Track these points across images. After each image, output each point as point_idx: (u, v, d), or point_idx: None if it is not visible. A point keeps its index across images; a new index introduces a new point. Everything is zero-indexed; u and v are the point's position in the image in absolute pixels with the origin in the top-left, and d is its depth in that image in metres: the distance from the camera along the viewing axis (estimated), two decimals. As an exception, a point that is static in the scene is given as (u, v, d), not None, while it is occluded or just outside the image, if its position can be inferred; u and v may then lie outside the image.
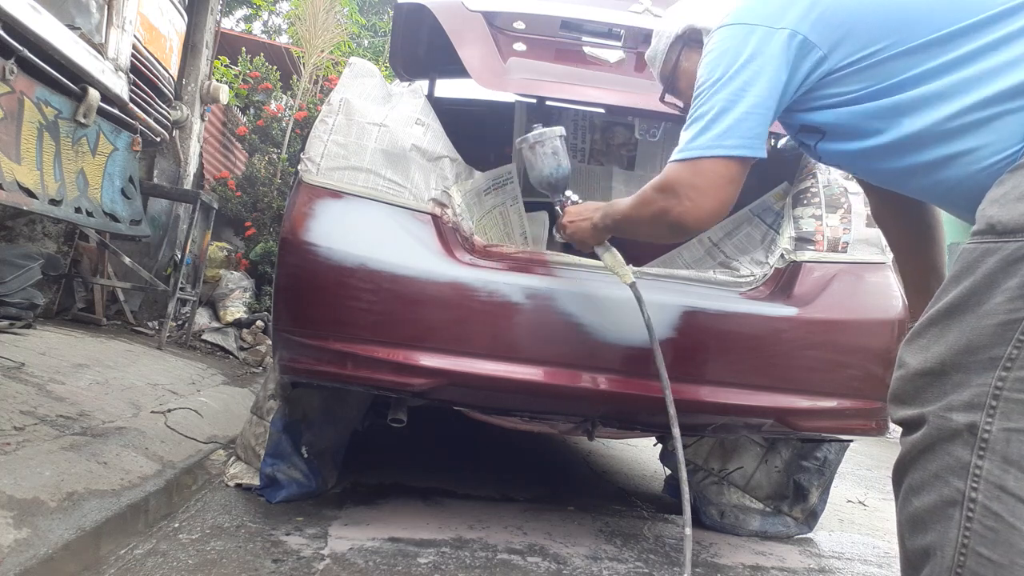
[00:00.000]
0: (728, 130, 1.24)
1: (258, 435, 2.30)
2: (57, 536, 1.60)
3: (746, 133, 1.24)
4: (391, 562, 1.86)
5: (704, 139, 1.26)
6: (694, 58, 1.50)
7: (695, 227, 1.35)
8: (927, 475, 0.99)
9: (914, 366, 1.03)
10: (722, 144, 1.24)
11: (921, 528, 0.99)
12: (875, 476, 4.55)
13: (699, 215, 1.30)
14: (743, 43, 1.25)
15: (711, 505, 2.59)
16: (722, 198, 1.28)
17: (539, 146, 1.84)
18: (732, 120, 1.24)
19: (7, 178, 2.77)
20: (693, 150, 1.27)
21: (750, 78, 1.23)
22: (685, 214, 1.31)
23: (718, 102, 1.25)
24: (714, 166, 1.26)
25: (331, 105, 2.00)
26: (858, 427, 2.06)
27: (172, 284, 4.76)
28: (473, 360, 1.83)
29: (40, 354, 3.18)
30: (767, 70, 1.21)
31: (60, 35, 3.03)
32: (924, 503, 0.99)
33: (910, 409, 1.03)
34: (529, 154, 1.86)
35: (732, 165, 1.26)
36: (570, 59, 2.33)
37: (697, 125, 1.28)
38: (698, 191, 1.28)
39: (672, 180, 1.32)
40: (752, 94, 1.23)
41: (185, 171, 5.63)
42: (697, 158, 1.27)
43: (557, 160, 1.84)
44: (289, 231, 1.87)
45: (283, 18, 14.14)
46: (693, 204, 1.29)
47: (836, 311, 1.99)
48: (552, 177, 1.85)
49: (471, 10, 2.27)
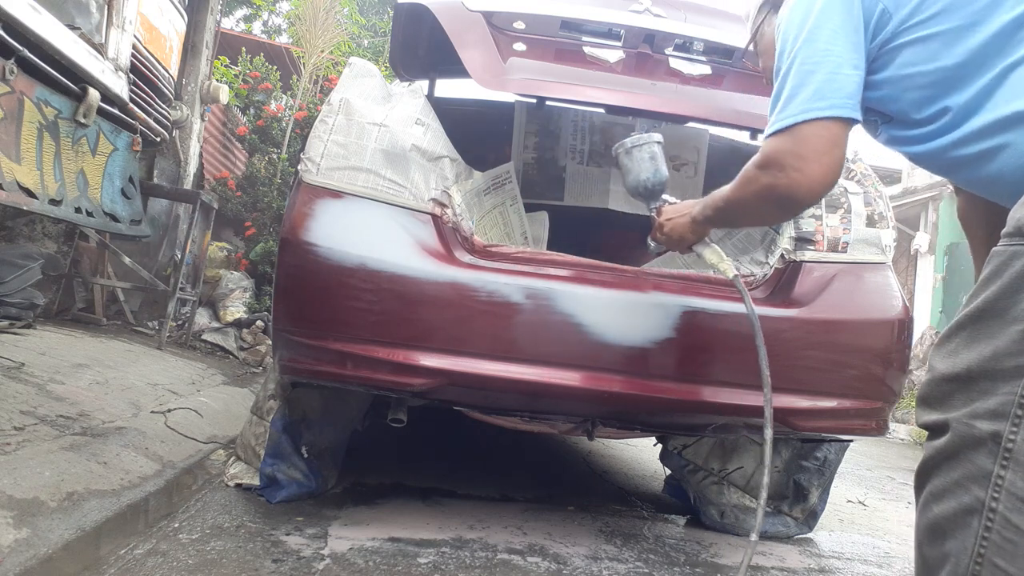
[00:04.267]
0: (818, 92, 1.20)
1: (258, 435, 2.30)
2: (57, 536, 1.60)
3: (837, 93, 1.19)
4: (391, 562, 1.86)
5: (795, 105, 1.21)
6: (774, 22, 1.50)
7: (807, 199, 1.26)
8: (949, 482, 0.97)
9: (941, 370, 1.01)
10: (816, 107, 1.19)
11: (939, 535, 0.97)
12: (875, 476, 4.55)
13: (810, 184, 1.23)
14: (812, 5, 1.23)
15: (711, 505, 2.59)
16: (829, 163, 1.21)
17: (636, 151, 1.83)
18: (820, 81, 1.20)
19: (7, 178, 2.77)
20: (787, 118, 1.22)
21: (830, 36, 1.20)
22: (793, 186, 1.24)
23: (802, 65, 1.22)
24: (813, 129, 1.20)
25: (331, 105, 2.00)
26: (858, 427, 2.06)
27: (172, 284, 4.76)
28: (473, 360, 1.83)
29: (40, 354, 3.18)
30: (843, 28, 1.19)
31: (60, 35, 3.03)
32: (944, 510, 0.97)
33: (936, 414, 1.01)
34: (626, 159, 1.85)
35: (832, 127, 1.19)
36: (570, 59, 2.33)
37: (786, 92, 1.24)
38: (802, 159, 1.21)
39: (772, 152, 1.26)
40: (835, 52, 1.19)
41: (185, 171, 5.63)
42: (792, 125, 1.21)
43: (655, 165, 1.83)
44: (289, 231, 1.87)
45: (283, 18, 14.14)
46: (800, 174, 1.22)
47: (836, 311, 1.99)
48: (649, 182, 1.83)
49: (471, 10, 2.27)
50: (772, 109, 1.28)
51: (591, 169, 2.93)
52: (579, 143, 2.95)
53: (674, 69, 2.35)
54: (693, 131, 2.91)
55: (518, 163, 2.88)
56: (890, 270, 2.15)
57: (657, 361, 1.91)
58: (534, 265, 1.93)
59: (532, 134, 2.94)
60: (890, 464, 5.26)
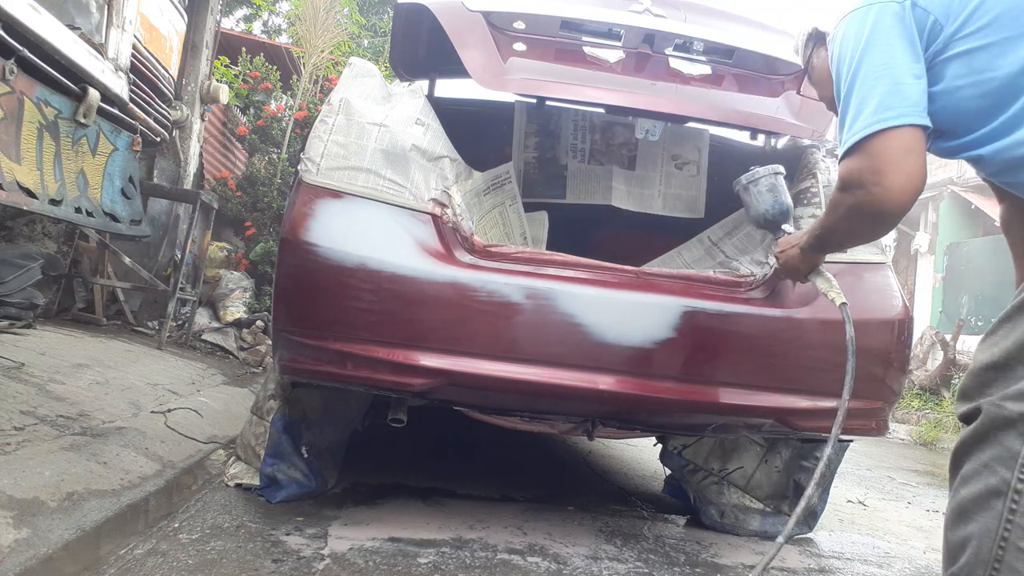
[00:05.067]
0: (882, 104, 1.19)
1: (258, 435, 2.30)
2: (57, 536, 1.60)
3: (903, 101, 1.18)
4: (391, 562, 1.86)
5: (861, 120, 1.21)
6: (823, 54, 1.57)
7: (897, 209, 1.24)
8: (978, 464, 0.97)
9: (982, 360, 1.03)
10: (883, 118, 1.19)
11: (964, 518, 0.97)
12: (875, 476, 4.55)
13: (894, 195, 1.21)
14: (863, 23, 1.24)
15: (711, 505, 2.59)
16: (909, 170, 1.19)
17: (752, 186, 1.91)
18: (882, 93, 1.19)
19: (7, 178, 2.77)
20: (855, 134, 1.22)
21: (885, 51, 1.20)
22: (878, 200, 1.22)
23: (863, 83, 1.22)
24: (884, 141, 1.19)
25: (331, 105, 2.00)
26: (858, 427, 2.06)
27: (172, 284, 4.76)
28: (473, 360, 1.83)
29: (40, 354, 3.18)
30: (897, 40, 1.20)
31: (60, 35, 3.03)
32: (970, 492, 0.97)
33: (971, 403, 1.02)
34: (744, 195, 1.94)
35: (902, 134, 1.18)
36: (570, 59, 2.32)
37: (850, 112, 1.24)
38: (879, 172, 1.20)
39: (848, 173, 1.25)
40: (894, 65, 1.20)
41: (185, 171, 5.63)
42: (861, 140, 1.21)
43: (774, 196, 1.90)
44: (289, 231, 1.87)
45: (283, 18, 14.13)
46: (881, 187, 1.20)
47: (836, 311, 1.99)
48: (768, 214, 1.91)
49: (471, 10, 2.27)
50: (841, 132, 1.28)
51: (593, 167, 2.93)
52: (580, 142, 2.95)
53: (674, 69, 2.35)
54: (694, 130, 2.91)
55: (519, 162, 2.88)
56: (890, 270, 2.15)
57: (657, 361, 1.91)
58: (534, 265, 1.93)
59: (532, 134, 2.94)
60: (890, 464, 5.26)
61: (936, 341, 9.21)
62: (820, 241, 1.57)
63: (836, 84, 1.31)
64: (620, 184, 2.88)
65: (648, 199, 2.89)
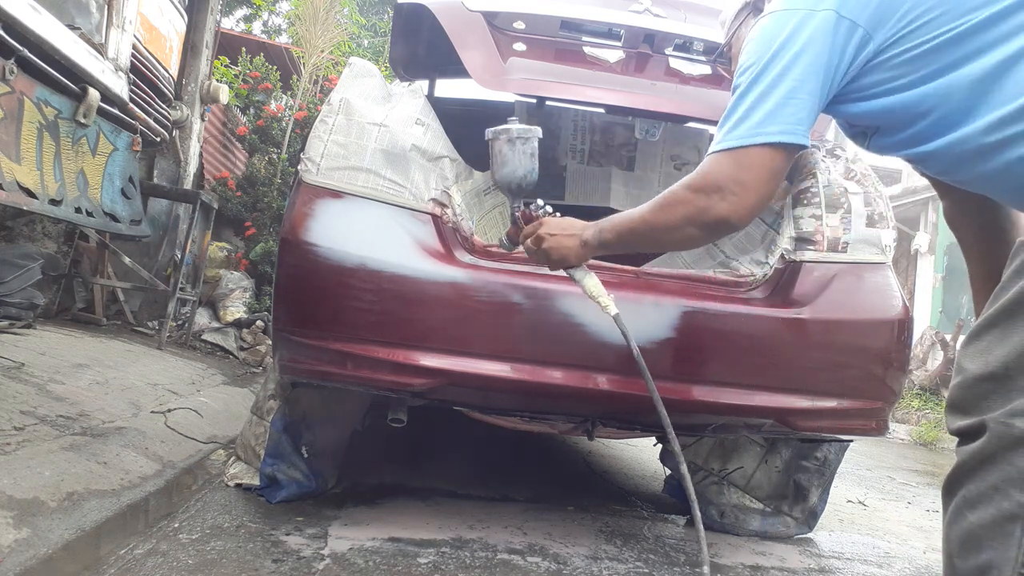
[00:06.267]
0: (768, 116, 1.16)
1: (258, 435, 2.30)
2: (57, 536, 1.60)
3: (788, 119, 1.16)
4: (391, 562, 1.86)
5: (744, 128, 1.18)
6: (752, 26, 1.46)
7: (738, 224, 1.24)
8: (985, 487, 0.91)
9: (974, 371, 0.96)
10: (764, 131, 1.16)
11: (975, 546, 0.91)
12: (875, 476, 4.55)
13: (743, 211, 1.20)
14: (781, 28, 1.19)
15: (711, 505, 2.59)
16: (765, 192, 1.19)
17: (520, 142, 1.69)
18: (772, 106, 1.16)
19: (7, 178, 2.77)
20: (733, 139, 1.19)
21: (789, 62, 1.16)
22: (729, 211, 1.20)
23: (756, 89, 1.18)
24: (759, 156, 1.17)
25: (331, 105, 2.00)
26: (858, 427, 2.06)
27: (172, 284, 4.76)
28: (473, 360, 1.83)
29: (40, 354, 3.18)
30: (807, 53, 1.15)
31: (60, 35, 3.03)
32: (980, 518, 0.91)
33: (970, 418, 0.95)
34: (507, 148, 1.69)
35: (777, 154, 1.17)
36: (570, 59, 2.33)
37: (736, 114, 1.20)
38: (742, 185, 1.18)
39: (714, 175, 1.22)
40: (791, 78, 1.16)
41: (185, 171, 5.63)
42: (738, 147, 1.18)
43: (534, 163, 1.72)
44: (289, 231, 1.87)
45: (283, 18, 14.14)
46: (737, 199, 1.19)
47: (836, 311, 1.99)
48: (524, 180, 1.71)
49: (471, 10, 2.27)
50: (722, 125, 1.23)
51: (592, 168, 2.93)
52: (579, 143, 2.95)
53: (674, 69, 2.35)
54: (694, 131, 2.91)
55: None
56: (890, 270, 2.15)
57: (657, 361, 1.91)
58: (534, 265, 1.93)
59: (532, 134, 2.94)
60: (890, 464, 5.26)
61: (936, 341, 9.21)
62: (626, 237, 1.45)
63: (737, 72, 1.25)
64: (619, 185, 2.88)
65: (646, 200, 2.88)
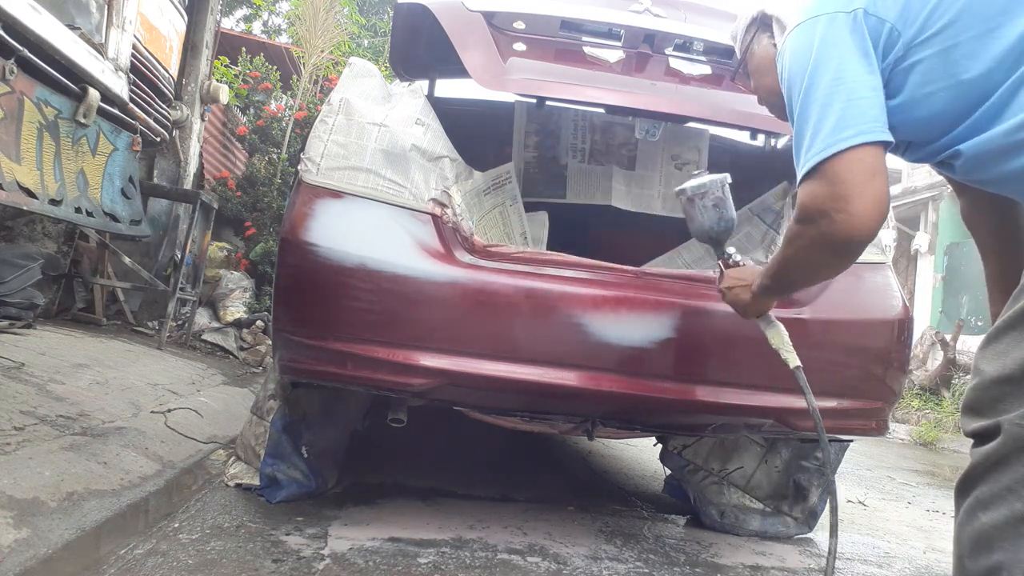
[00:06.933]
0: (840, 122, 1.10)
1: (258, 435, 2.30)
2: (57, 536, 1.61)
3: (861, 118, 1.10)
4: (391, 562, 1.86)
5: (820, 142, 1.12)
6: (764, 42, 1.48)
7: (864, 237, 1.14)
8: (999, 488, 0.91)
9: (991, 373, 0.95)
10: (842, 137, 1.10)
11: (987, 546, 0.91)
12: (875, 476, 4.55)
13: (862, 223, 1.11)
14: (811, 36, 1.16)
15: (711, 505, 2.59)
16: (874, 194, 1.10)
17: (698, 199, 1.72)
18: (840, 111, 1.11)
19: (7, 178, 2.77)
20: (813, 156, 1.13)
21: (838, 64, 1.12)
22: (846, 229, 1.12)
23: (817, 101, 1.14)
24: (846, 163, 1.10)
25: (331, 105, 2.00)
26: (858, 427, 2.06)
27: (172, 284, 4.76)
28: (473, 360, 1.83)
29: (40, 354, 3.18)
30: (850, 52, 1.12)
31: (60, 35, 3.03)
32: (993, 519, 0.91)
33: (985, 420, 0.95)
34: (689, 207, 1.76)
35: (864, 154, 1.09)
36: (570, 59, 2.33)
37: (807, 134, 1.15)
38: (843, 199, 1.10)
39: (809, 201, 1.16)
40: (848, 78, 1.11)
41: (185, 171, 5.63)
42: (821, 162, 1.12)
43: (719, 212, 1.72)
44: (289, 231, 1.87)
45: (283, 18, 14.13)
46: (847, 214, 1.11)
47: (836, 311, 1.99)
48: (713, 231, 1.74)
49: (471, 10, 2.27)
50: (797, 156, 1.19)
51: (593, 167, 2.93)
52: (580, 142, 2.95)
53: (674, 69, 2.35)
54: (694, 130, 2.91)
55: (519, 162, 2.88)
56: (890, 270, 2.15)
57: (657, 361, 1.91)
58: (534, 265, 1.93)
59: (532, 134, 2.94)
60: (890, 464, 5.26)
61: (936, 341, 9.21)
62: (776, 281, 1.43)
63: (788, 104, 1.23)
64: (620, 184, 2.88)
65: (648, 199, 2.89)
